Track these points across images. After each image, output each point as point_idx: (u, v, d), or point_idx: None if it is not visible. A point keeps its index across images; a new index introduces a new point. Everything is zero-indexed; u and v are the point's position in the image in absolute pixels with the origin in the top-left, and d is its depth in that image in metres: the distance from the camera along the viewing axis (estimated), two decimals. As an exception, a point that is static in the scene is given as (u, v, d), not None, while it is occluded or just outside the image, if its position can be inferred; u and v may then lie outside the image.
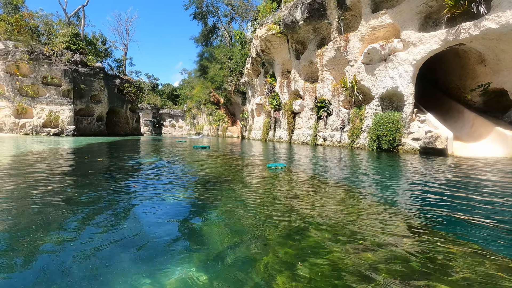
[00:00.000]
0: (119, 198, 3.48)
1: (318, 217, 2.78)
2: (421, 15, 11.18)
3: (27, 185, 4.04)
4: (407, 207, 3.25)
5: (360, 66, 13.97)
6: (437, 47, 10.46)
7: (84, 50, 34.43)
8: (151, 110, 69.01)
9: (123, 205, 3.17)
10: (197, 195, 3.72)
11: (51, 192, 3.65)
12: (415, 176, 5.58)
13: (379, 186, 4.50)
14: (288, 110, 20.94)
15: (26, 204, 3.08)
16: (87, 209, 2.96)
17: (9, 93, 27.94)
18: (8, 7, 31.23)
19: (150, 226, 2.50)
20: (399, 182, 4.95)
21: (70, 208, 3.00)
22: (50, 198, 3.35)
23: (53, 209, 2.94)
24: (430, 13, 11.17)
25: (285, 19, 18.55)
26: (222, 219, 2.75)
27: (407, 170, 6.45)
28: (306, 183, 4.67)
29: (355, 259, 1.89)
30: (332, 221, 2.66)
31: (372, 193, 3.96)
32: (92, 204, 3.17)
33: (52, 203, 3.15)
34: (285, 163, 6.71)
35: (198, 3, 41.81)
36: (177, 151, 11.67)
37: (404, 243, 2.19)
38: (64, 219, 2.66)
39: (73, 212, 2.85)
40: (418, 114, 11.98)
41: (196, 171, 6.09)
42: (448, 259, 1.91)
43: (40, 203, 3.13)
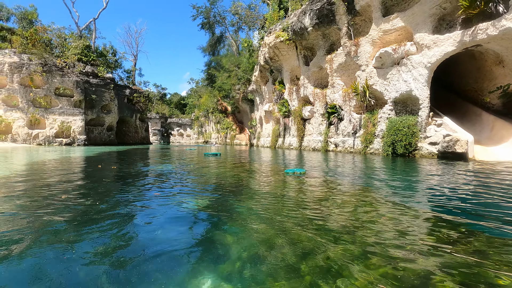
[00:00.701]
0: (137, 205, 3.34)
1: (354, 227, 2.58)
2: (435, 17, 10.99)
3: (48, 193, 3.95)
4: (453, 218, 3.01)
5: (372, 70, 13.78)
6: (453, 49, 10.22)
7: (95, 62, 35.20)
8: (160, 119, 69.81)
9: (141, 213, 3.03)
10: (219, 201, 3.55)
11: (71, 201, 3.54)
12: (445, 181, 5.30)
13: (412, 193, 4.26)
14: (298, 117, 20.77)
15: (49, 213, 2.97)
16: (107, 216, 2.82)
17: (23, 104, 28.59)
18: (23, 22, 32.29)
19: (169, 233, 2.34)
20: (433, 188, 4.69)
21: (91, 216, 2.87)
22: (71, 207, 3.23)
23: (74, 217, 2.82)
24: (444, 15, 10.97)
25: (293, 26, 18.58)
26: (247, 228, 2.57)
27: (433, 175, 6.16)
28: (331, 189, 4.46)
29: (404, 271, 1.69)
30: (372, 230, 2.46)
31: (409, 201, 3.73)
32: (110, 211, 3.04)
33: (73, 211, 3.02)
34: (304, 169, 6.50)
35: (205, 13, 42.53)
36: (188, 159, 11.58)
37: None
38: (86, 226, 2.52)
39: (94, 220, 2.72)
40: (434, 117, 11.65)
41: (213, 177, 5.94)
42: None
43: (61, 211, 3.01)
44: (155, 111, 68.93)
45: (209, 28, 45.87)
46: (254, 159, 11.57)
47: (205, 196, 3.85)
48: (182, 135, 76.16)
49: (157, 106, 71.83)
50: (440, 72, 12.98)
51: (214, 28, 46.63)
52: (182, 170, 7.31)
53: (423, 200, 3.77)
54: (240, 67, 37.93)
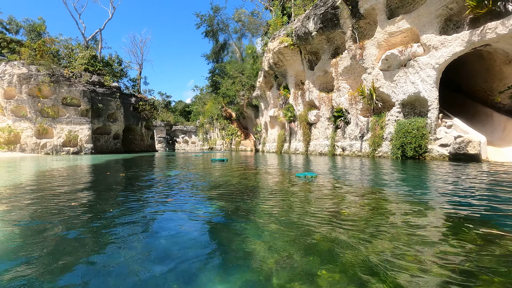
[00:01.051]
0: (150, 211, 3.28)
1: (374, 230, 2.47)
2: (441, 18, 10.90)
3: (58, 200, 3.91)
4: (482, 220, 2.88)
5: (378, 73, 13.69)
6: (461, 49, 10.10)
7: (101, 71, 35.72)
8: (165, 127, 70.27)
9: (156, 219, 2.96)
10: (236, 206, 3.47)
11: (84, 208, 3.49)
12: (464, 183, 5.16)
13: (431, 194, 4.13)
14: (304, 121, 20.69)
15: (64, 220, 2.92)
16: (121, 223, 2.76)
17: (31, 114, 29.02)
18: (31, 34, 33.00)
19: (185, 242, 2.26)
20: (451, 191, 4.55)
21: (104, 222, 2.81)
22: (85, 214, 3.18)
23: (89, 224, 2.76)
24: (451, 16, 10.88)
25: (297, 31, 18.65)
26: (264, 233, 2.48)
27: (450, 178, 6.01)
28: (347, 192, 4.35)
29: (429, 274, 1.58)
30: (392, 233, 2.35)
31: (428, 201, 3.61)
32: (123, 217, 2.97)
33: (88, 217, 2.97)
34: (315, 172, 6.39)
35: (209, 22, 43.04)
36: (196, 165, 11.54)
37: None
38: (100, 232, 2.46)
39: (107, 226, 2.66)
40: (444, 119, 11.48)
41: (225, 182, 5.87)
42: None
43: (74, 220, 2.96)
44: (160, 119, 69.38)
45: (213, 35, 46.39)
46: (263, 164, 11.48)
47: (222, 201, 3.77)
48: (187, 142, 76.43)
49: (162, 114, 72.35)
50: (447, 73, 12.84)
51: (218, 36, 47.15)
52: (192, 176, 7.25)
53: (451, 203, 3.64)
54: (244, 73, 38.13)
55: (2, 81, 28.74)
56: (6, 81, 28.67)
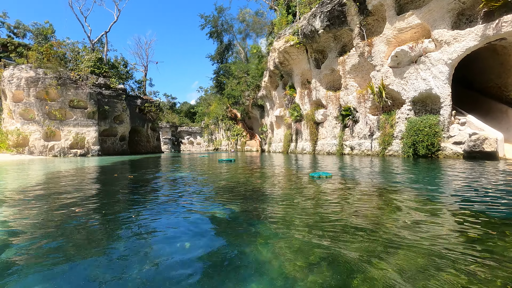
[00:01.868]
0: (162, 213, 3.14)
1: (405, 234, 2.29)
2: (453, 13, 10.61)
3: (70, 201, 3.80)
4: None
5: (388, 70, 13.41)
6: (475, 44, 9.80)
7: (107, 74, 35.93)
8: (170, 128, 70.48)
9: (167, 222, 2.81)
10: (251, 208, 3.31)
11: (95, 210, 3.37)
12: (493, 184, 4.92)
13: (456, 195, 3.91)
14: (311, 121, 20.45)
15: (78, 223, 2.79)
16: (129, 227, 2.62)
17: (39, 117, 29.28)
18: (38, 37, 33.34)
19: (198, 248, 2.11)
20: (477, 191, 4.33)
21: (113, 224, 2.67)
22: (95, 216, 3.05)
23: (100, 226, 2.63)
24: (463, 10, 10.59)
25: (303, 29, 18.44)
26: (283, 238, 2.31)
27: (472, 177, 5.76)
28: (368, 193, 4.16)
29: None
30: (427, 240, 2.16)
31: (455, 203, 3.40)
32: (132, 221, 2.84)
33: (98, 221, 2.84)
34: (329, 172, 6.19)
35: (213, 22, 43.02)
36: (203, 166, 11.42)
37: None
38: (112, 235, 2.32)
39: (116, 229, 2.52)
40: (457, 116, 11.17)
41: (235, 184, 5.71)
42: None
43: (85, 223, 2.83)
44: (165, 120, 69.63)
45: (217, 36, 46.36)
46: (271, 164, 11.31)
47: (236, 204, 3.61)
48: (193, 143, 76.61)
49: (168, 115, 72.62)
50: (459, 70, 12.51)
51: (222, 37, 47.11)
52: (201, 177, 7.11)
53: (485, 205, 3.43)
54: (249, 73, 38.01)
55: (10, 85, 29.07)
56: (15, 85, 28.99)
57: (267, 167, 9.63)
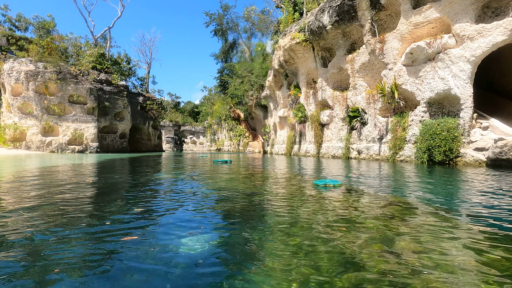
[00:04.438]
0: (152, 219, 2.22)
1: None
2: (478, 5, 9.60)
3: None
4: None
5: (401, 68, 12.41)
6: (503, 39, 8.79)
7: (109, 69, 35.28)
8: (173, 127, 69.95)
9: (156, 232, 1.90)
10: (233, 240, 2.38)
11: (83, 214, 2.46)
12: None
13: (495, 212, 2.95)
14: (315, 122, 19.47)
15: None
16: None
17: (38, 112, 28.67)
18: (40, 31, 32.81)
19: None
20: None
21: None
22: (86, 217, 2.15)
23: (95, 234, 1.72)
24: (489, 2, 9.57)
25: (310, 25, 17.50)
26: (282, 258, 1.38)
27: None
28: (390, 212, 3.20)
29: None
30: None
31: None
32: (124, 231, 1.93)
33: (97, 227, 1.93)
34: (338, 180, 5.22)
35: (218, 20, 42.27)
36: (200, 167, 10.52)
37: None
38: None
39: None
40: (479, 119, 10.13)
41: (224, 194, 4.79)
42: None
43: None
44: (168, 119, 69.06)
45: (222, 34, 45.57)
46: (272, 167, 10.37)
47: (219, 230, 2.68)
48: (195, 143, 75.98)
49: (171, 114, 72.00)
50: (477, 70, 11.46)
51: (227, 35, 46.32)
52: (188, 184, 6.20)
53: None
54: (253, 73, 37.14)
55: (9, 78, 28.52)
56: (14, 78, 28.43)
57: (267, 172, 8.69)
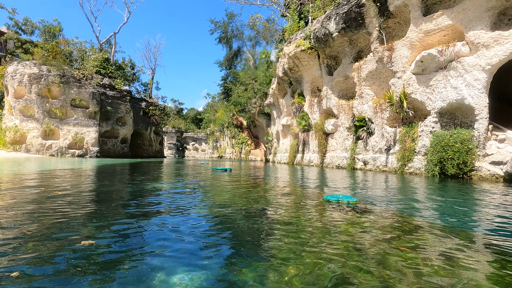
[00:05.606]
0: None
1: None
2: (494, 11, 9.17)
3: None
4: None
5: (410, 77, 11.95)
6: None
7: (113, 74, 35.20)
8: (175, 133, 69.78)
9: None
10: (240, 242, 1.86)
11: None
12: None
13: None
14: (320, 131, 18.97)
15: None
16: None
17: (39, 115, 28.46)
18: (46, 35, 32.95)
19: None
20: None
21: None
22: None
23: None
24: (506, 9, 9.15)
25: (316, 32, 17.19)
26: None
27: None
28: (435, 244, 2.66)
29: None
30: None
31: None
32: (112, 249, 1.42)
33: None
34: (353, 196, 4.66)
35: (223, 28, 42.40)
36: (197, 176, 10.02)
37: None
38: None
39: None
40: (494, 131, 9.58)
41: (219, 212, 4.26)
42: None
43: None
44: (171, 125, 68.89)
45: (227, 42, 45.69)
46: (275, 177, 9.83)
47: (205, 270, 2.16)
48: (197, 150, 75.57)
49: (174, 120, 71.87)
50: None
51: (232, 42, 46.42)
52: (178, 201, 5.69)
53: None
54: (257, 80, 36.93)
55: (13, 80, 28.44)
56: (17, 81, 28.35)
57: (270, 183, 8.16)
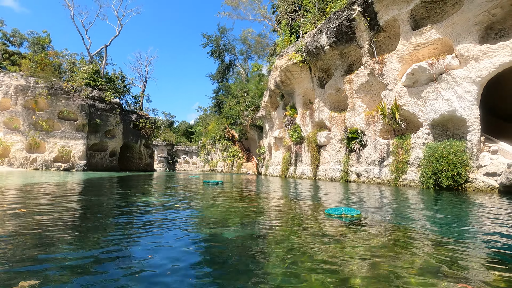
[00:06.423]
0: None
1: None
2: (481, 26, 9.38)
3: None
4: None
5: (402, 89, 12.04)
6: (510, 59, 8.44)
7: (103, 87, 34.72)
8: (166, 146, 68.79)
9: None
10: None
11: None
12: None
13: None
14: (312, 143, 18.86)
15: None
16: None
17: (24, 127, 27.61)
18: (34, 46, 32.49)
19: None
20: None
21: None
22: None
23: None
24: (492, 23, 9.38)
25: (308, 46, 17.39)
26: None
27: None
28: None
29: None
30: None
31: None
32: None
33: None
34: (357, 209, 4.39)
35: (215, 42, 42.81)
36: (185, 189, 9.62)
37: None
38: None
39: None
40: (486, 143, 9.60)
41: (221, 223, 3.94)
42: None
43: None
44: (162, 138, 68.04)
45: (219, 55, 46.05)
46: (268, 191, 9.52)
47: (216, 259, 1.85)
48: (188, 163, 74.59)
49: (165, 133, 71.09)
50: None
51: (224, 56, 46.82)
52: (163, 217, 5.33)
53: None
54: (248, 94, 37.06)
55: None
56: (2, 92, 27.61)
57: (264, 196, 7.85)
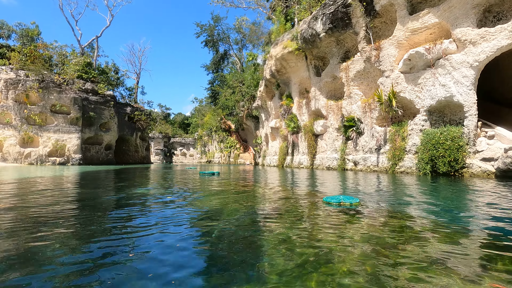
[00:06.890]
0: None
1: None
2: (479, 9, 9.22)
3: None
4: None
5: (398, 75, 11.91)
6: (508, 42, 8.34)
7: (96, 79, 34.08)
8: (163, 139, 68.34)
9: None
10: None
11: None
12: None
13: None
14: (309, 132, 18.79)
15: None
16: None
17: (17, 121, 27.12)
18: (23, 39, 31.61)
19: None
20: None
21: None
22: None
23: None
24: (490, 6, 9.21)
25: (303, 33, 17.08)
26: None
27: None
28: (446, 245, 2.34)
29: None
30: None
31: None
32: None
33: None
34: (355, 197, 4.33)
35: (209, 31, 42.01)
36: (183, 180, 9.54)
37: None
38: None
39: None
40: (483, 128, 9.58)
41: (218, 213, 3.86)
42: None
43: None
44: (158, 131, 67.51)
45: (213, 45, 45.27)
46: (266, 181, 9.47)
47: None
48: (185, 155, 74.40)
49: (161, 125, 70.51)
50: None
51: (218, 46, 46.02)
52: (157, 212, 5.24)
53: None
54: (244, 84, 36.66)
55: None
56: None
57: (262, 186, 7.79)
